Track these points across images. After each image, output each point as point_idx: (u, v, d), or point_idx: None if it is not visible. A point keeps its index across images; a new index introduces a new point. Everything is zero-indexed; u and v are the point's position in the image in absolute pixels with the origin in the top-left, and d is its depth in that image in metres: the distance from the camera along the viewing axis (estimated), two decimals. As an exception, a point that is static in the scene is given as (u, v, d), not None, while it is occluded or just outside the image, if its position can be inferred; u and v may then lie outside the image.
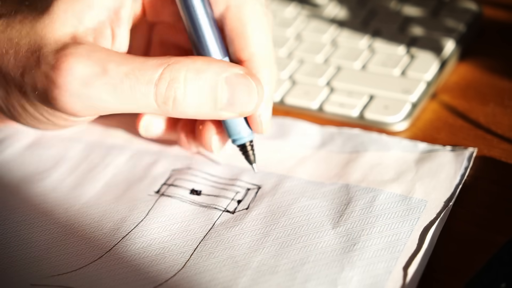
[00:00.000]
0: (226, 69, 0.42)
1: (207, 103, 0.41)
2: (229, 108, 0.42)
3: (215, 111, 0.42)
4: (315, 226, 0.42)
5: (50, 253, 0.42)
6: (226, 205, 0.45)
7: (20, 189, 0.47)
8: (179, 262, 0.41)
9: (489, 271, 0.38)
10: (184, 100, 0.41)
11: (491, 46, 0.56)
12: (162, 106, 0.41)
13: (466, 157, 0.45)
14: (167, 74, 0.41)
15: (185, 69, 0.41)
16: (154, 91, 0.41)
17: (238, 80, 0.42)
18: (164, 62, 0.41)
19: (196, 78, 0.41)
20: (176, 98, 0.41)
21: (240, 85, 0.42)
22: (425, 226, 0.41)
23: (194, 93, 0.41)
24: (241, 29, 0.44)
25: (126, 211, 0.45)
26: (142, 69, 0.41)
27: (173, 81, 0.41)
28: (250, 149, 0.46)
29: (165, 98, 0.41)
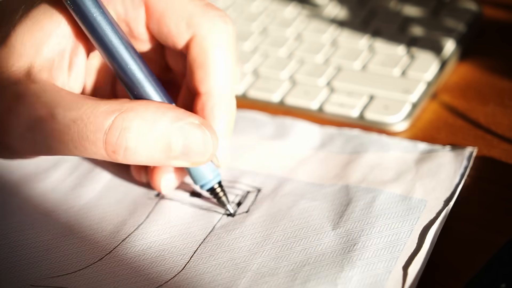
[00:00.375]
0: (181, 118, 0.40)
1: (160, 152, 0.40)
2: (182, 158, 0.40)
3: (167, 160, 0.40)
4: (315, 228, 0.42)
5: (49, 254, 0.42)
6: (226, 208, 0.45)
7: (19, 189, 0.47)
8: (179, 264, 0.41)
9: (489, 271, 0.38)
10: (136, 150, 0.39)
11: (491, 46, 0.56)
12: (111, 155, 0.39)
13: (466, 157, 0.45)
14: (119, 122, 0.39)
15: (139, 118, 0.39)
16: (104, 139, 0.39)
17: (192, 130, 0.40)
18: (116, 109, 0.39)
19: (149, 128, 0.39)
20: (128, 148, 0.39)
21: (195, 136, 0.40)
22: (425, 225, 0.41)
23: (147, 143, 0.39)
24: (203, 61, 0.42)
25: (126, 213, 0.45)
26: (92, 116, 0.39)
27: (125, 131, 0.39)
28: (220, 190, 0.44)
29: (116, 147, 0.39)
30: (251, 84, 0.55)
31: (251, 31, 0.60)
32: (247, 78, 0.56)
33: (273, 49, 0.58)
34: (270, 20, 0.61)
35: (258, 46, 0.58)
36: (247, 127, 0.51)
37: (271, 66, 0.56)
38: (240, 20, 0.62)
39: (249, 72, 0.56)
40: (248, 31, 0.60)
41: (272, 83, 0.55)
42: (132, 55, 0.41)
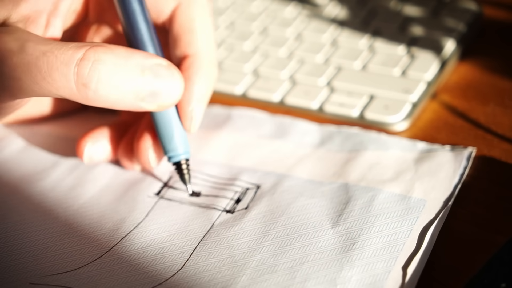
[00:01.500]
0: (150, 58, 0.41)
1: (129, 90, 0.40)
2: (150, 99, 0.41)
3: (135, 101, 0.41)
4: (314, 225, 0.42)
5: (49, 252, 0.42)
6: (225, 205, 0.45)
7: (19, 188, 0.47)
8: (179, 262, 0.41)
9: (489, 271, 0.38)
10: (108, 83, 0.39)
11: (491, 46, 0.56)
12: (81, 89, 0.39)
13: (465, 157, 0.45)
14: (91, 54, 0.39)
15: (110, 52, 0.40)
16: (75, 71, 0.39)
17: (162, 71, 0.41)
18: (86, 44, 0.40)
19: (121, 63, 0.40)
20: (100, 80, 0.39)
21: (164, 76, 0.41)
22: (424, 225, 0.41)
23: (119, 77, 0.40)
24: (190, 25, 0.44)
25: (125, 212, 0.45)
26: (63, 49, 0.39)
27: (97, 62, 0.39)
28: (186, 167, 0.45)
29: (88, 79, 0.39)
30: (251, 84, 0.55)
31: (251, 31, 0.60)
32: (247, 78, 0.56)
33: (273, 49, 0.58)
34: (270, 20, 0.61)
35: (258, 46, 0.58)
36: (246, 125, 0.51)
37: (271, 66, 0.56)
38: (240, 20, 0.62)
39: (249, 72, 0.56)
40: (248, 31, 0.60)
41: (272, 83, 0.55)
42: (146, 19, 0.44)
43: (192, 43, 0.44)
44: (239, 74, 0.56)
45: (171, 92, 0.41)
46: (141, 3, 0.44)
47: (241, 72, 0.56)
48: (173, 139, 0.44)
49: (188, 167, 0.45)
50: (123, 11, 0.44)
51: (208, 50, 0.45)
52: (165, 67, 0.41)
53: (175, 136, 0.44)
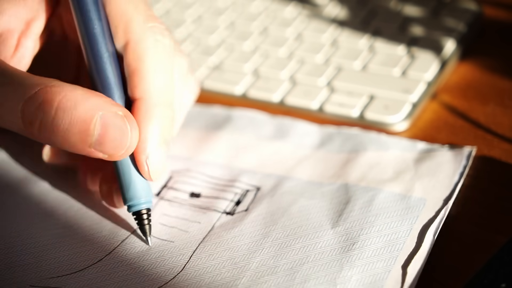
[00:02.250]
0: (104, 106, 0.39)
1: (76, 136, 0.38)
2: (99, 147, 0.39)
3: (84, 146, 0.39)
4: (314, 226, 0.42)
5: (49, 255, 0.42)
6: (225, 207, 0.45)
7: (19, 190, 0.47)
8: (179, 264, 0.41)
9: (489, 271, 0.38)
10: (52, 126, 0.38)
11: (491, 46, 0.56)
12: (28, 126, 0.38)
13: (465, 156, 0.45)
14: (40, 95, 0.38)
15: (62, 95, 0.38)
16: (22, 108, 0.38)
17: (113, 121, 0.39)
18: (43, 83, 0.38)
19: (70, 108, 0.38)
20: (43, 122, 0.38)
21: (114, 127, 0.39)
22: (424, 225, 0.41)
23: (64, 122, 0.38)
24: (137, 66, 0.41)
25: (125, 213, 0.45)
26: (17, 84, 0.38)
27: (44, 104, 0.38)
28: (146, 218, 0.42)
29: (32, 119, 0.38)
30: (251, 84, 0.55)
31: (251, 31, 0.60)
32: (247, 78, 0.56)
33: (273, 49, 0.58)
34: (270, 20, 0.61)
35: (258, 46, 0.58)
36: (246, 126, 0.51)
37: (271, 66, 0.56)
38: (240, 20, 0.62)
39: (249, 72, 0.56)
40: (248, 31, 0.60)
41: (272, 83, 0.55)
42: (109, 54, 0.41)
43: (138, 86, 0.41)
44: (239, 74, 0.56)
45: (120, 143, 0.39)
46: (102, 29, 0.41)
47: (241, 72, 0.56)
48: (130, 188, 0.41)
49: (149, 217, 0.42)
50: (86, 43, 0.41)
51: (157, 91, 0.41)
52: (119, 117, 0.39)
53: (134, 184, 0.41)
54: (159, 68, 0.42)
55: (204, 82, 0.56)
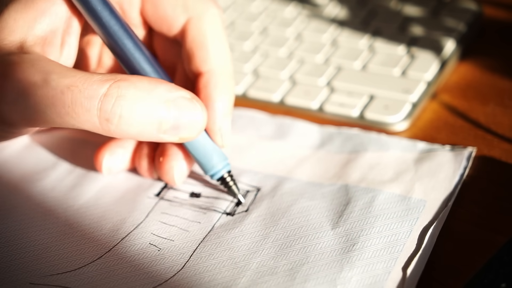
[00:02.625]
0: (173, 91, 0.40)
1: (151, 124, 0.40)
2: (172, 132, 0.41)
3: (157, 134, 0.40)
4: (314, 227, 0.42)
5: (49, 252, 0.42)
6: (226, 207, 0.45)
7: (19, 188, 0.47)
8: (179, 263, 0.41)
9: (489, 271, 0.38)
10: (130, 118, 0.39)
11: (491, 45, 0.56)
12: (104, 123, 0.39)
13: (465, 157, 0.45)
14: (114, 90, 0.39)
15: (133, 87, 0.39)
16: (99, 106, 0.39)
17: (184, 104, 0.40)
18: (110, 78, 0.39)
19: (144, 97, 0.39)
20: (122, 115, 0.39)
21: (186, 109, 0.41)
22: (424, 226, 0.41)
23: (141, 112, 0.39)
24: (202, 41, 0.43)
25: (125, 212, 0.45)
26: (87, 83, 0.39)
27: (120, 98, 0.39)
28: (230, 179, 0.45)
29: (110, 115, 0.39)
30: (251, 84, 0.55)
31: (251, 31, 0.60)
32: (247, 78, 0.56)
33: (273, 49, 0.58)
34: (270, 20, 0.61)
35: (258, 46, 0.58)
36: (246, 126, 0.51)
37: (271, 66, 0.56)
38: (240, 20, 0.62)
39: (249, 72, 0.56)
40: (248, 31, 0.60)
41: (272, 83, 0.55)
42: (130, 35, 0.42)
43: (207, 60, 0.44)
44: (239, 74, 0.56)
45: (194, 125, 0.41)
46: (130, 36, 0.42)
47: (241, 72, 0.56)
48: (210, 158, 0.44)
49: (233, 178, 0.45)
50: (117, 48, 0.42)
51: (224, 64, 0.44)
52: (188, 100, 0.41)
53: (211, 154, 0.44)
54: (222, 41, 0.44)
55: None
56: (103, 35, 0.42)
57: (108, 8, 0.41)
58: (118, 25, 0.42)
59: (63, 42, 0.43)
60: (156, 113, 0.40)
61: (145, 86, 0.40)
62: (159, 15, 0.44)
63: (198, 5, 0.44)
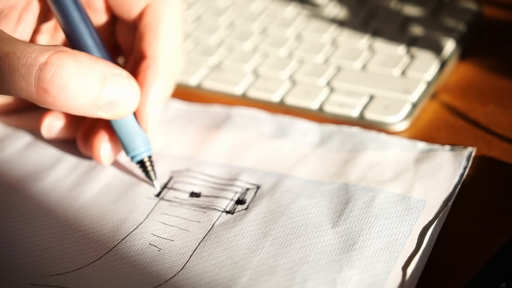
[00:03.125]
0: (112, 68, 0.41)
1: (88, 97, 0.41)
2: (107, 108, 0.42)
3: (94, 108, 0.41)
4: (314, 225, 0.42)
5: (49, 253, 0.42)
6: (225, 206, 0.45)
7: (19, 188, 0.47)
8: (179, 263, 0.41)
9: (489, 271, 0.38)
10: (68, 88, 0.40)
11: (491, 45, 0.56)
12: (41, 93, 0.39)
13: (465, 157, 0.45)
14: (55, 60, 0.39)
15: (74, 59, 0.40)
16: (37, 75, 0.39)
17: (121, 81, 0.42)
18: (51, 48, 0.40)
19: (83, 71, 0.40)
20: (62, 86, 0.39)
21: (122, 87, 0.42)
22: (424, 226, 0.41)
23: (80, 85, 0.40)
24: (154, 26, 0.45)
25: (126, 212, 0.45)
26: (26, 51, 0.39)
27: (61, 68, 0.39)
28: (150, 165, 0.46)
29: (49, 85, 0.39)
30: (251, 84, 0.55)
31: (251, 31, 0.60)
32: (247, 78, 0.56)
33: (273, 49, 0.58)
34: (270, 20, 0.61)
35: (258, 46, 0.58)
36: (246, 125, 0.51)
37: (271, 66, 0.56)
38: (240, 20, 0.62)
39: (249, 72, 0.56)
40: (248, 31, 0.60)
41: (272, 83, 0.55)
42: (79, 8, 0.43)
43: (153, 44, 0.45)
44: (239, 74, 0.56)
45: (128, 102, 0.42)
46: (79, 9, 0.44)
47: (241, 72, 0.56)
48: (133, 140, 0.45)
49: (152, 164, 0.46)
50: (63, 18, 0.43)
51: (169, 52, 0.45)
52: (124, 78, 0.42)
53: (135, 136, 0.45)
54: (175, 31, 0.45)
55: (204, 82, 0.56)
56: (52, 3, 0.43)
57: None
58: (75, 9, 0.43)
59: (20, 18, 0.43)
60: (94, 88, 0.40)
61: (86, 61, 0.40)
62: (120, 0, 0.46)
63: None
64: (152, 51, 0.45)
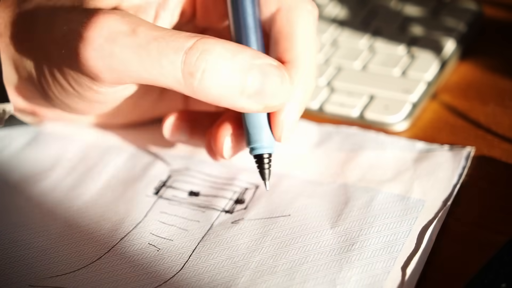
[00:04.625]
0: (260, 56, 0.40)
1: (234, 86, 0.39)
2: (256, 98, 0.40)
3: (239, 98, 0.40)
4: (313, 225, 0.42)
5: (48, 254, 0.42)
6: (224, 205, 0.45)
7: (18, 189, 0.47)
8: (178, 264, 0.41)
9: (489, 271, 0.38)
10: (213, 74, 0.39)
11: (491, 45, 0.56)
12: (187, 78, 0.39)
13: (464, 156, 0.45)
14: (200, 45, 0.39)
15: (220, 46, 0.39)
16: (183, 59, 0.39)
17: (271, 70, 0.40)
18: (198, 35, 0.39)
19: (229, 57, 0.39)
20: (206, 70, 0.39)
21: (273, 76, 0.40)
22: (423, 226, 0.41)
23: (225, 70, 0.39)
24: (289, 31, 0.42)
25: (124, 212, 0.45)
26: (173, 36, 0.39)
27: (205, 52, 0.39)
28: (267, 162, 0.43)
29: (194, 68, 0.39)
30: (251, 84, 0.55)
31: (251, 31, 0.60)
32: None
33: (273, 49, 0.58)
34: (270, 20, 0.61)
35: (258, 46, 0.58)
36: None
37: (271, 66, 0.56)
38: (240, 20, 0.62)
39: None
40: (248, 31, 0.60)
41: (272, 83, 0.54)
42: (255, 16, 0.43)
43: (290, 50, 0.42)
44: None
45: (280, 93, 0.40)
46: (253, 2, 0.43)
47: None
48: (259, 131, 0.42)
49: (270, 163, 0.43)
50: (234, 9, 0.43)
51: (307, 58, 0.42)
52: (275, 67, 0.40)
53: (262, 129, 0.42)
54: (310, 36, 0.43)
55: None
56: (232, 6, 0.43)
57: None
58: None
59: (157, 15, 0.43)
60: (240, 76, 0.39)
61: (231, 47, 0.39)
62: None
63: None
64: (288, 56, 0.42)
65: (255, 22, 0.43)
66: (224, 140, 0.44)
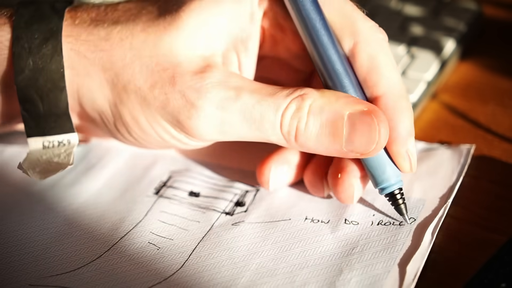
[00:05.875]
0: (350, 105, 0.40)
1: (326, 138, 0.40)
2: (350, 147, 0.40)
3: (336, 148, 0.40)
4: (313, 230, 0.42)
5: (48, 253, 0.42)
6: (225, 207, 0.45)
7: (18, 187, 0.47)
8: (178, 262, 0.41)
9: (489, 271, 0.38)
10: (306, 131, 0.40)
11: (491, 45, 0.56)
12: (286, 135, 0.41)
13: (464, 155, 0.45)
14: (293, 104, 0.40)
15: (311, 100, 0.40)
16: (280, 120, 0.40)
17: (360, 118, 0.40)
18: (294, 92, 0.40)
19: (318, 112, 0.40)
20: (298, 128, 0.40)
21: (361, 124, 0.40)
22: (423, 225, 0.41)
23: (314, 126, 0.40)
24: (372, 65, 0.42)
25: (125, 211, 0.45)
26: (274, 97, 0.40)
27: (297, 111, 0.40)
28: (400, 197, 0.42)
29: (289, 128, 0.40)
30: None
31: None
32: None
33: (273, 49, 0.58)
34: (270, 19, 0.61)
35: (258, 45, 0.58)
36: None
37: (271, 66, 0.56)
38: (240, 19, 0.62)
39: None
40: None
41: (272, 83, 0.54)
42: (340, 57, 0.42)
43: (380, 83, 0.42)
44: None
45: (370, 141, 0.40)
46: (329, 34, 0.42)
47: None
48: (382, 171, 0.42)
49: (403, 196, 0.42)
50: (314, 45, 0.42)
51: (397, 86, 0.42)
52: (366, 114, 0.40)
53: (385, 168, 0.42)
54: (392, 64, 0.42)
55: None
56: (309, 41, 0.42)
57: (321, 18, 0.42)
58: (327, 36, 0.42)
59: (240, 62, 0.43)
60: (329, 128, 0.40)
61: (323, 101, 0.40)
62: None
63: (364, 29, 0.42)
64: (379, 90, 0.42)
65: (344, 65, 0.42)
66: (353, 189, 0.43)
